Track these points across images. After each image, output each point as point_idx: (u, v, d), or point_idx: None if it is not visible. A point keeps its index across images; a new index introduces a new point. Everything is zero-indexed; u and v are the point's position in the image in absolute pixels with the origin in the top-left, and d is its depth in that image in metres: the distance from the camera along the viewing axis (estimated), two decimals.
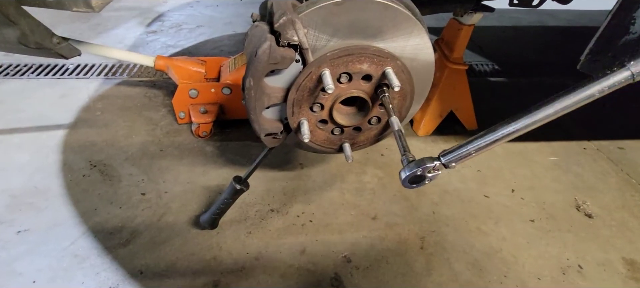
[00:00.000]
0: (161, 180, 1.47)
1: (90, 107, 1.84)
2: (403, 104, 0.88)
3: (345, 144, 0.95)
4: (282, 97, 0.81)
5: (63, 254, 1.19)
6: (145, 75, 2.13)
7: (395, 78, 0.75)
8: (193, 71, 1.61)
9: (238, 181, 1.12)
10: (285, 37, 0.71)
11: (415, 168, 0.64)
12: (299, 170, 1.56)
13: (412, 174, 0.64)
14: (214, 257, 1.21)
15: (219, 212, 1.21)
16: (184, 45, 2.50)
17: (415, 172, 0.64)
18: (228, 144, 1.67)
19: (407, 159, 0.68)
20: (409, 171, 0.64)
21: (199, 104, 1.62)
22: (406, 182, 0.65)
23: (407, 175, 0.64)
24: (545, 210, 1.46)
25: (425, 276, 1.20)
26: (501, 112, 2.01)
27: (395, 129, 0.75)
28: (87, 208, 1.34)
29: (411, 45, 0.79)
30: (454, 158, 0.64)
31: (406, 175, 0.64)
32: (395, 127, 0.75)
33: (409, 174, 0.64)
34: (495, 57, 2.54)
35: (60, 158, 1.54)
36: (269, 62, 0.72)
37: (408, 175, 0.64)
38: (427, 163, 0.64)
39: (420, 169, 0.64)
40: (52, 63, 2.16)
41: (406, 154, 0.69)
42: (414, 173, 0.64)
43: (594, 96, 0.57)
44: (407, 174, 0.64)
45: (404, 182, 0.65)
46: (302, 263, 1.21)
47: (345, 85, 0.79)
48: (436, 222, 1.37)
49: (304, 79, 0.76)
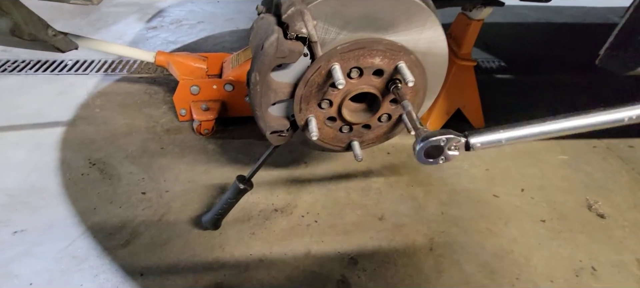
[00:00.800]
0: (162, 179, 1.43)
1: (89, 104, 1.80)
2: (415, 99, 0.84)
3: (354, 142, 0.91)
4: (289, 93, 0.77)
5: (61, 255, 1.16)
6: (145, 72, 2.08)
7: (409, 73, 0.71)
8: (194, 67, 1.57)
9: (242, 180, 1.09)
10: (294, 29, 0.67)
11: (436, 138, 0.57)
12: (303, 169, 1.52)
13: (431, 144, 0.57)
14: (217, 259, 1.18)
15: (222, 212, 1.17)
16: (184, 41, 2.46)
17: (437, 143, 0.57)
18: (231, 142, 1.63)
19: (423, 131, 0.62)
20: (425, 142, 0.58)
21: (200, 100, 1.58)
22: (421, 153, 0.59)
23: (423, 146, 0.58)
24: (556, 210, 1.42)
25: (434, 278, 1.16)
26: (509, 109, 1.98)
27: (408, 109, 0.69)
28: (85, 208, 1.30)
29: (425, 38, 0.75)
30: (482, 142, 0.58)
31: (422, 145, 0.58)
32: (407, 107, 0.70)
33: (428, 144, 0.58)
34: (501, 54, 2.49)
35: (58, 157, 1.50)
36: (276, 56, 0.68)
37: (425, 144, 0.58)
38: (450, 135, 0.58)
39: (444, 139, 0.57)
40: (51, 59, 2.12)
41: (419, 129, 0.64)
42: (434, 143, 0.57)
43: (623, 121, 0.58)
44: (423, 145, 0.58)
45: (419, 153, 0.59)
46: (307, 265, 1.18)
47: (355, 81, 0.76)
48: (445, 222, 1.34)
49: (312, 74, 0.72)
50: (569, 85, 2.24)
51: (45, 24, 0.97)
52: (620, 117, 0.58)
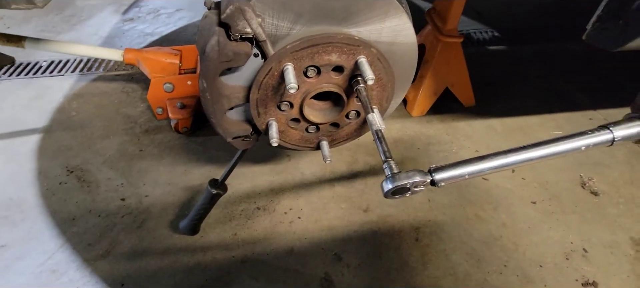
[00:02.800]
0: (141, 183, 1.40)
1: (65, 108, 1.75)
2: (383, 94, 0.77)
3: (323, 142, 0.85)
4: (244, 97, 0.71)
5: (40, 270, 1.14)
6: (122, 69, 2.01)
7: (368, 69, 0.64)
8: (166, 63, 1.49)
9: (214, 185, 1.04)
10: (236, 29, 0.60)
11: (402, 181, 0.56)
12: (286, 163, 1.48)
13: (397, 187, 0.56)
14: (198, 263, 1.16)
15: (199, 217, 1.14)
16: (162, 32, 2.36)
17: (404, 185, 0.56)
18: (211, 139, 1.58)
19: (391, 169, 0.59)
20: (393, 184, 0.56)
21: (175, 98, 1.52)
22: (389, 193, 0.57)
23: (391, 188, 0.56)
24: (548, 190, 1.37)
25: (420, 270, 1.14)
26: (501, 85, 1.89)
27: (374, 129, 0.65)
28: (64, 219, 1.28)
29: (388, 28, 0.68)
30: (446, 178, 0.57)
31: (390, 188, 0.56)
32: (373, 126, 0.65)
33: (394, 187, 0.56)
34: (494, 24, 2.37)
35: (35, 166, 1.46)
36: (220, 60, 0.61)
37: (392, 188, 0.56)
38: (416, 177, 0.56)
39: (409, 183, 0.56)
40: (24, 61, 2.04)
41: (388, 161, 0.60)
42: (401, 186, 0.56)
43: (580, 149, 0.60)
44: (391, 187, 0.56)
45: (387, 194, 0.57)
46: (290, 265, 1.15)
47: (314, 80, 0.69)
48: (432, 210, 1.30)
49: (264, 77, 0.66)
50: (566, 53, 2.13)
51: None
52: (577, 145, 0.59)
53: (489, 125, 1.64)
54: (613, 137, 0.57)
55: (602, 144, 0.57)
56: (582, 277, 1.12)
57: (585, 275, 1.12)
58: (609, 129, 0.57)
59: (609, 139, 0.57)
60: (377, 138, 0.65)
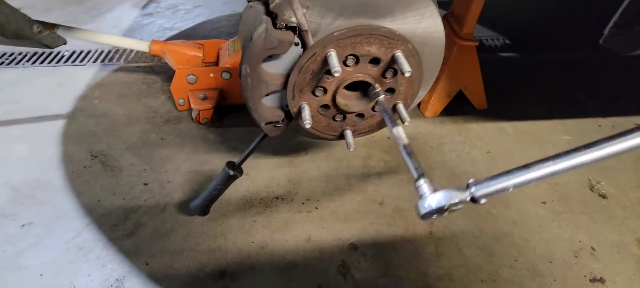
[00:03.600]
0: (163, 169, 1.44)
1: (88, 96, 1.80)
2: (410, 90, 0.82)
3: (347, 131, 0.90)
4: (281, 84, 0.76)
5: (68, 247, 1.19)
6: (142, 61, 2.06)
7: (406, 63, 0.69)
8: (190, 55, 1.54)
9: (231, 166, 1.08)
10: (282, 18, 0.65)
11: (442, 203, 0.50)
12: (303, 156, 1.52)
13: (436, 209, 0.50)
14: (219, 247, 1.20)
15: (211, 198, 1.17)
16: (181, 27, 2.42)
17: (443, 207, 0.50)
18: (230, 130, 1.63)
19: (427, 187, 0.53)
20: (434, 205, 0.50)
21: (198, 89, 1.57)
22: (427, 215, 0.51)
23: (430, 210, 0.50)
24: (558, 191, 1.41)
25: (434, 262, 1.18)
26: (513, 91, 1.93)
27: (402, 144, 0.60)
28: (89, 200, 1.32)
29: (423, 28, 0.73)
30: (486, 192, 0.51)
31: (431, 209, 0.50)
32: (401, 141, 0.60)
33: (433, 210, 0.50)
34: (506, 31, 2.42)
35: (60, 150, 1.51)
36: (265, 47, 0.66)
37: (431, 210, 0.50)
38: (456, 197, 0.50)
39: (447, 203, 0.50)
40: (47, 51, 2.11)
41: (424, 178, 0.54)
42: (439, 208, 0.50)
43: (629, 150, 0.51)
44: (431, 208, 0.50)
45: (424, 216, 0.51)
46: (308, 252, 1.19)
47: (351, 69, 0.74)
48: None
49: (307, 60, 0.70)
50: (576, 63, 2.17)
51: (30, 22, 0.95)
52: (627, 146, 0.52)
53: (500, 127, 1.68)
54: None
55: None
56: (590, 274, 1.15)
57: (593, 272, 1.16)
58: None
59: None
60: (406, 155, 0.58)
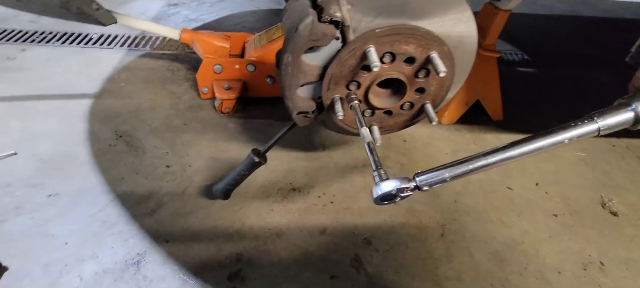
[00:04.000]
0: (185, 153, 1.49)
1: (115, 78, 1.86)
2: (439, 92, 0.85)
3: (374, 127, 0.94)
4: (318, 75, 0.80)
5: (92, 219, 1.23)
6: (167, 49, 2.12)
7: (441, 63, 0.72)
8: (218, 46, 1.59)
9: (257, 154, 1.12)
10: (328, 12, 0.69)
11: (390, 188, 0.60)
12: (321, 152, 1.56)
13: (384, 194, 0.61)
14: (237, 231, 1.24)
15: (234, 183, 1.21)
16: (205, 19, 2.48)
17: (390, 192, 0.61)
18: (250, 122, 1.67)
19: (380, 176, 0.65)
20: (381, 191, 0.61)
21: (222, 79, 1.62)
22: (378, 200, 0.62)
23: (379, 194, 0.61)
24: (570, 205, 1.43)
25: (445, 263, 1.20)
26: (529, 104, 1.96)
27: (366, 141, 0.71)
28: (114, 177, 1.37)
29: (458, 32, 0.76)
30: (428, 182, 0.61)
31: (379, 194, 0.61)
32: (365, 139, 0.72)
33: (382, 194, 0.61)
34: (525, 47, 2.45)
35: (87, 127, 1.57)
36: (309, 38, 0.70)
37: (381, 194, 0.61)
38: (402, 184, 0.61)
39: (395, 189, 0.60)
40: (76, 32, 2.18)
41: (378, 170, 0.66)
42: (387, 193, 0.61)
43: (564, 143, 0.59)
44: (379, 193, 0.61)
45: (376, 200, 0.62)
46: (322, 243, 1.23)
47: (386, 66, 0.78)
48: (457, 211, 1.37)
49: (346, 54, 0.74)
50: (594, 82, 2.19)
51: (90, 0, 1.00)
52: (562, 138, 0.59)
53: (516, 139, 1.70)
54: (598, 127, 0.54)
55: (588, 134, 0.54)
56: (599, 287, 1.17)
57: (602, 286, 1.18)
58: (594, 118, 0.53)
59: (595, 129, 0.54)
60: (368, 150, 0.70)
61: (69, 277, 1.09)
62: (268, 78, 1.65)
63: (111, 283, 1.08)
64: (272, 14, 2.63)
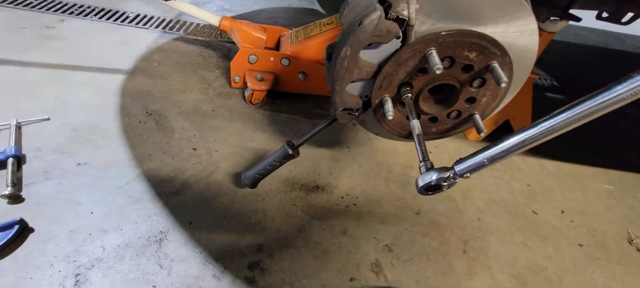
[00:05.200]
0: (212, 138, 1.50)
1: (148, 57, 1.88)
2: (491, 103, 0.84)
3: None
4: (372, 73, 0.80)
5: (118, 192, 1.24)
6: (200, 35, 2.15)
7: (502, 74, 0.72)
8: (255, 36, 1.61)
9: (291, 146, 1.12)
10: (396, 10, 0.68)
11: (430, 178, 0.63)
12: (345, 153, 1.56)
13: (428, 183, 0.64)
14: (259, 222, 1.24)
15: (264, 172, 1.20)
16: (238, 11, 2.51)
17: (430, 182, 0.64)
18: (278, 115, 1.68)
19: (426, 166, 0.67)
20: (425, 179, 0.64)
21: (256, 70, 1.63)
22: (423, 189, 0.65)
23: (424, 183, 0.64)
24: (596, 237, 1.40)
25: (466, 279, 1.18)
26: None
27: (416, 133, 0.74)
28: (141, 153, 1.38)
29: (520, 44, 0.75)
30: (467, 168, 0.63)
31: (423, 183, 0.64)
32: (416, 131, 0.74)
33: (425, 183, 0.64)
34: (554, 73, 2.42)
35: (118, 102, 1.59)
36: (373, 34, 0.70)
37: (425, 183, 0.64)
38: (442, 174, 0.63)
39: (436, 179, 0.63)
40: (113, 8, 2.22)
41: (425, 161, 0.68)
42: (429, 182, 0.63)
43: (624, 99, 0.50)
44: (424, 182, 0.64)
45: (420, 189, 0.65)
46: (343, 243, 1.22)
47: (443, 71, 0.77)
48: (481, 229, 1.35)
49: (406, 54, 0.74)
50: (622, 115, 2.16)
51: None
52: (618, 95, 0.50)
53: (542, 164, 1.68)
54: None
55: None
56: None
57: None
58: None
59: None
60: (417, 141, 0.73)
61: (93, 246, 1.09)
62: (300, 74, 1.65)
63: (133, 257, 1.08)
64: (304, 13, 2.65)
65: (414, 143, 0.76)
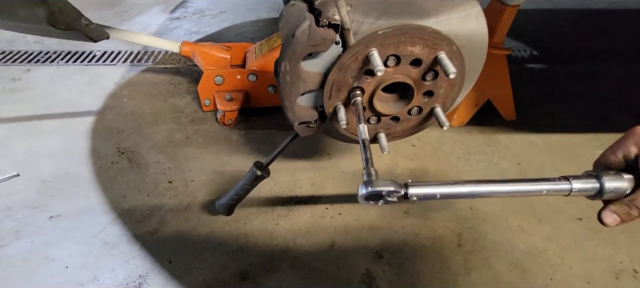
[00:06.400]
0: (187, 168, 1.45)
1: (117, 94, 1.85)
2: (449, 94, 0.79)
3: (381, 134, 0.88)
4: (318, 83, 0.75)
5: (93, 240, 1.20)
6: (169, 63, 2.11)
7: (450, 64, 0.67)
8: (219, 57, 1.56)
9: (259, 167, 1.07)
10: (326, 16, 0.64)
11: (378, 188, 0.57)
12: (326, 161, 1.51)
13: (372, 193, 0.57)
14: (241, 248, 1.19)
15: (237, 198, 1.16)
16: (207, 32, 2.47)
17: (379, 193, 0.57)
18: (253, 133, 1.63)
19: (369, 174, 0.61)
20: (368, 189, 0.57)
21: (224, 91, 1.59)
22: (363, 198, 0.58)
23: (364, 193, 0.57)
24: (594, 207, 1.32)
25: (463, 275, 1.13)
26: (541, 102, 1.87)
27: (361, 138, 0.68)
28: (116, 195, 1.34)
29: (467, 30, 0.71)
30: (419, 194, 0.58)
31: (364, 192, 0.57)
32: (361, 136, 0.68)
33: (367, 193, 0.57)
34: (532, 42, 2.36)
35: (89, 145, 1.55)
36: (308, 44, 0.65)
37: (365, 193, 0.57)
38: (392, 187, 0.57)
39: (384, 191, 0.57)
40: (80, 50, 2.18)
41: (368, 168, 0.62)
42: (375, 192, 0.57)
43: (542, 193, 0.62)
44: (364, 192, 0.57)
45: (361, 198, 0.59)
46: (331, 258, 1.17)
47: (391, 69, 0.72)
48: (474, 218, 1.29)
49: (348, 59, 0.69)
50: (607, 75, 2.10)
51: (79, 14, 0.98)
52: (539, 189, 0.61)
53: (530, 140, 1.62)
54: (571, 188, 0.59)
55: (561, 192, 0.60)
56: None
57: None
58: (569, 180, 0.59)
59: (567, 188, 0.60)
60: (362, 146, 0.67)
61: None
62: (270, 87, 1.61)
63: None
64: (273, 23, 2.61)
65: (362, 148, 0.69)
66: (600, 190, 0.58)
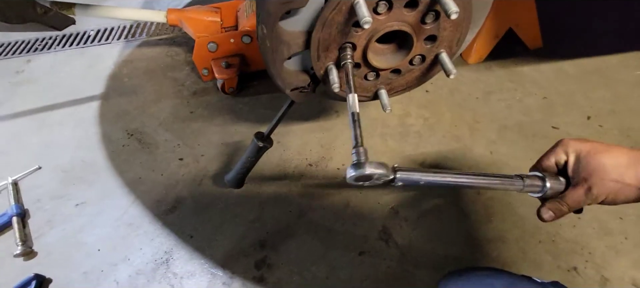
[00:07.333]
0: (196, 143, 1.44)
1: (117, 74, 1.81)
2: (455, 35, 0.68)
3: (381, 90, 0.80)
4: (304, 43, 0.66)
5: (118, 223, 1.25)
6: (164, 33, 2.02)
7: (451, 1, 0.55)
8: (208, 22, 1.46)
9: (260, 138, 1.03)
10: None
11: (366, 171, 0.55)
12: (335, 119, 1.44)
13: (360, 175, 0.56)
14: (258, 218, 1.20)
15: (244, 171, 1.15)
16: None
17: (366, 176, 0.56)
18: (257, 98, 1.57)
19: (358, 156, 0.58)
20: (356, 172, 0.55)
21: (220, 57, 1.51)
22: (352, 180, 0.57)
23: (353, 175, 0.56)
24: (631, 137, 1.22)
25: (484, 223, 1.09)
26: (571, 24, 1.65)
27: (351, 111, 0.62)
28: (132, 178, 1.37)
29: None
30: (404, 179, 0.57)
31: (353, 174, 0.56)
32: (351, 109, 0.63)
33: (356, 175, 0.56)
34: None
35: (99, 131, 1.56)
36: (281, 2, 0.56)
37: (355, 175, 0.56)
38: (381, 170, 0.55)
39: (372, 174, 0.55)
40: (74, 32, 2.13)
41: (357, 148, 0.58)
42: (363, 176, 0.56)
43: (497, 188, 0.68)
44: (354, 174, 0.56)
45: (349, 179, 0.57)
46: (347, 218, 1.16)
47: (383, 17, 0.62)
48: (494, 163, 1.22)
49: (331, 12, 0.59)
50: None
51: (32, 3, 0.90)
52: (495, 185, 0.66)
53: (559, 68, 1.46)
54: (523, 185, 0.64)
55: (514, 189, 0.65)
56: None
57: None
58: (522, 178, 0.64)
59: (520, 186, 0.64)
60: (351, 121, 0.62)
61: (107, 282, 1.12)
62: None
63: (145, 284, 1.10)
64: None
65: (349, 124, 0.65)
66: (543, 188, 0.63)
